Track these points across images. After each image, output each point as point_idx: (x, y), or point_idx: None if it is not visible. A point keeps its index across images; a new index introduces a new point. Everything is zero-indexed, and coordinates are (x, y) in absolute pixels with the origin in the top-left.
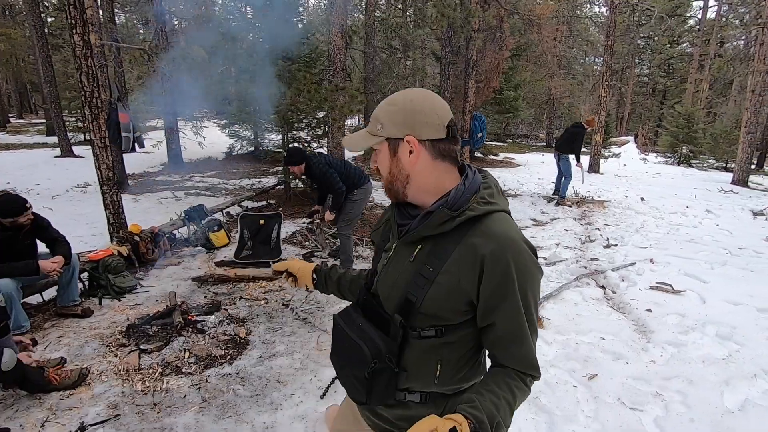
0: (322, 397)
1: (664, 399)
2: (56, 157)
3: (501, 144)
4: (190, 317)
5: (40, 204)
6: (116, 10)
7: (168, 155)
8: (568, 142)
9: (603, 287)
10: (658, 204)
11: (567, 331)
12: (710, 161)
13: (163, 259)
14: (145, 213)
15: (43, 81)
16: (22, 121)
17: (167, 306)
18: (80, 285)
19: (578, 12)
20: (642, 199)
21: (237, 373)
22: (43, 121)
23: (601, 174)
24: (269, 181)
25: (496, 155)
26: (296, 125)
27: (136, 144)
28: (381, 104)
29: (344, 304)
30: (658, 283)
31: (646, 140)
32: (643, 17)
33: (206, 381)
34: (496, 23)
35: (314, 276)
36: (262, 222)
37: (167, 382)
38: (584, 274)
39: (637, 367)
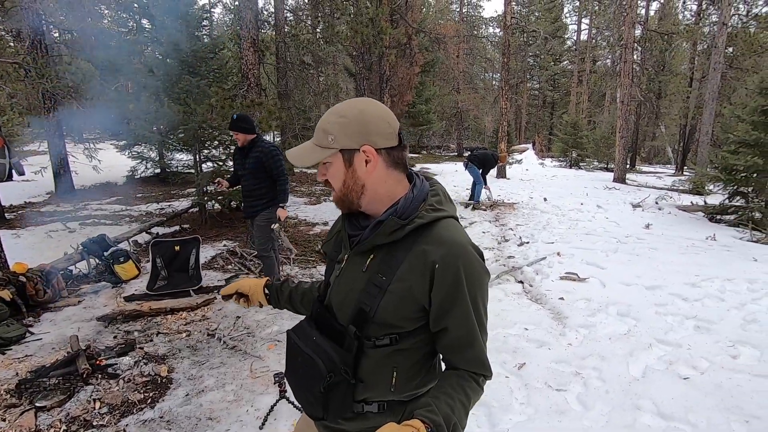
0: (261, 428)
1: (583, 377)
2: None
3: (416, 155)
4: (98, 362)
5: None
6: None
7: (55, 182)
8: (480, 161)
9: (521, 282)
10: (559, 203)
11: (495, 326)
12: (595, 163)
13: (58, 299)
14: (30, 249)
15: None
16: None
17: (68, 352)
18: None
19: (476, 32)
20: (545, 199)
21: (161, 417)
22: None
23: (508, 179)
24: (181, 204)
25: (413, 166)
26: (208, 143)
27: (13, 171)
28: (327, 117)
29: (279, 323)
30: (566, 273)
31: (542, 147)
32: (530, 38)
33: (124, 431)
34: (405, 40)
35: (266, 291)
36: (177, 248)
37: None
38: (504, 272)
39: (558, 351)
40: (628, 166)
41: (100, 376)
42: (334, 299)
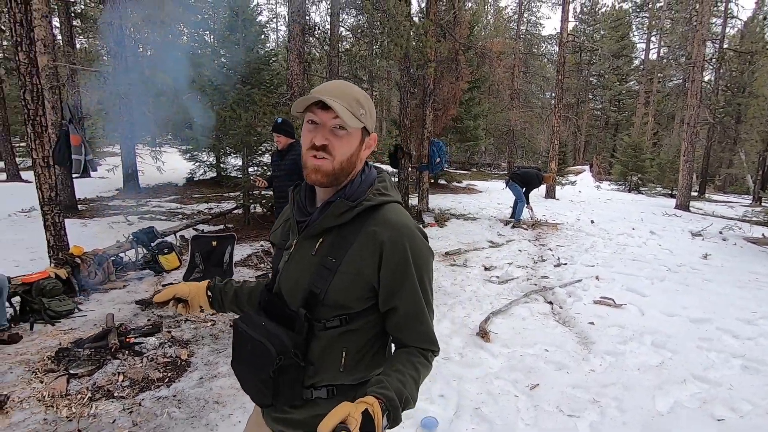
0: None
1: (601, 405)
2: (1, 182)
3: (465, 172)
4: (127, 339)
5: None
6: (78, 36)
7: (124, 180)
8: (523, 179)
9: (550, 303)
10: (608, 226)
11: (513, 344)
12: (658, 188)
13: (106, 282)
14: (93, 237)
15: None
16: None
17: (103, 328)
18: (10, 309)
19: (534, 50)
20: (592, 221)
21: (174, 396)
22: None
23: (557, 200)
24: (229, 205)
25: (459, 182)
26: (255, 148)
27: (88, 167)
28: (356, 89)
29: None
30: (601, 297)
31: (600, 169)
32: (594, 57)
33: (139, 405)
34: (451, 55)
35: (209, 294)
36: (214, 243)
37: (96, 407)
38: (533, 291)
39: (577, 376)
40: (695, 193)
41: (127, 352)
42: (284, 285)
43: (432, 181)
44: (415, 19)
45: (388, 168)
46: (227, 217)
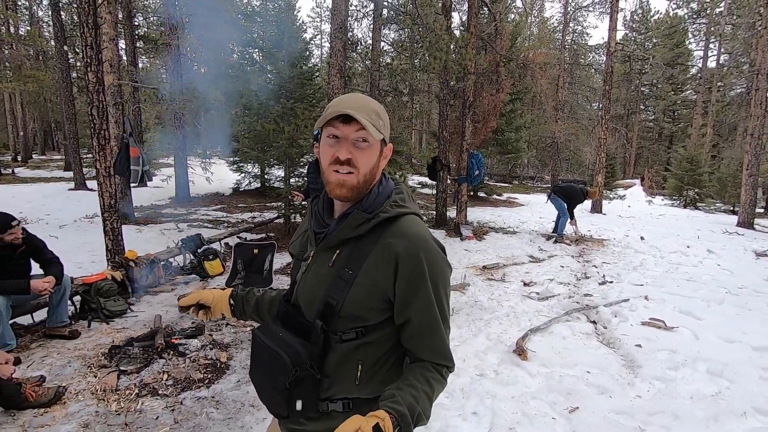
0: None
1: None
2: (70, 189)
3: (506, 185)
4: (172, 340)
5: (47, 233)
6: (141, 56)
7: (176, 189)
8: (566, 194)
9: (594, 322)
10: (659, 243)
11: (552, 364)
12: (717, 204)
13: (156, 285)
14: (146, 243)
15: (65, 119)
16: (43, 157)
17: (151, 329)
18: (71, 307)
19: (582, 60)
20: (642, 238)
21: (212, 397)
22: (63, 157)
23: (604, 214)
24: (270, 215)
25: (500, 195)
26: (297, 160)
27: (145, 177)
28: (374, 102)
29: None
30: (650, 319)
31: (652, 183)
32: (646, 66)
33: (181, 403)
34: (492, 67)
35: (231, 302)
36: (256, 251)
37: (142, 403)
38: (575, 309)
39: (621, 401)
40: (762, 209)
41: (171, 352)
42: (302, 296)
43: (471, 193)
44: (456, 32)
45: (426, 180)
46: (269, 226)
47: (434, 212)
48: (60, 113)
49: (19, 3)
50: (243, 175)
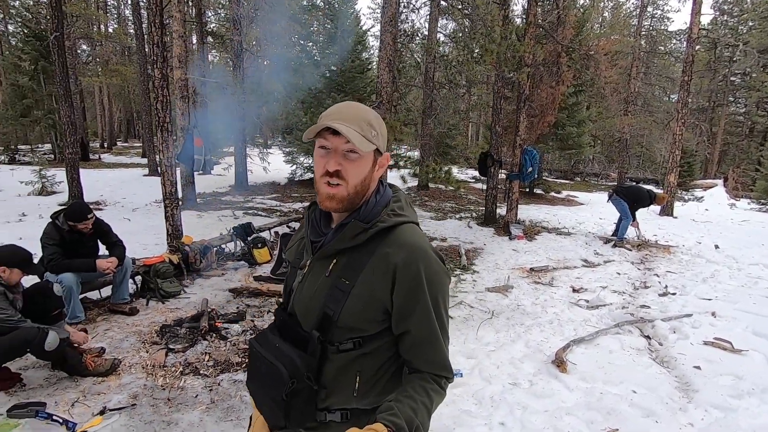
0: None
1: None
2: (144, 175)
3: (566, 182)
4: (216, 324)
5: (121, 215)
6: (211, 51)
7: (235, 178)
8: (630, 195)
9: (648, 337)
10: (737, 253)
11: (594, 379)
12: None
13: (209, 269)
14: (204, 228)
15: (143, 109)
16: (126, 144)
17: (198, 311)
18: (133, 286)
19: (660, 47)
20: (716, 246)
21: None
22: (141, 144)
23: (675, 218)
24: None
25: (558, 193)
26: None
27: (207, 166)
28: (367, 111)
29: None
30: (715, 338)
31: (737, 184)
32: (737, 52)
33: (218, 384)
34: (552, 58)
35: None
36: None
37: (184, 381)
38: (627, 321)
39: (668, 427)
40: None
41: (214, 335)
42: (298, 306)
43: (527, 190)
44: (517, 20)
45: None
46: None
47: (483, 209)
48: (140, 104)
49: (109, 3)
50: (295, 166)
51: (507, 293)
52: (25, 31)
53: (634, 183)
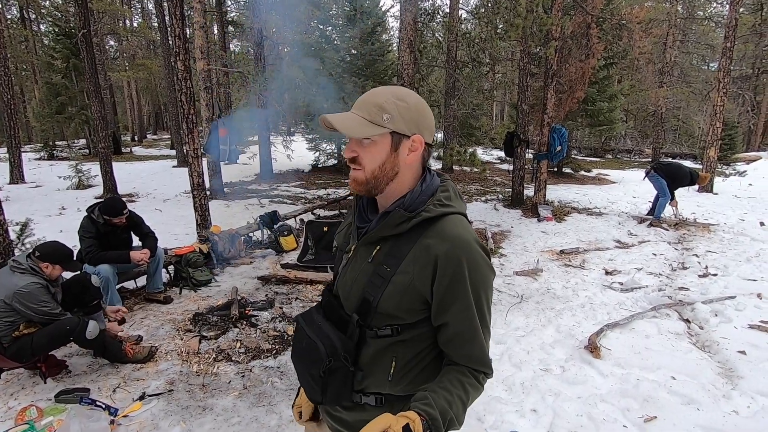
0: None
1: None
2: (173, 167)
3: (597, 159)
4: (246, 311)
5: (152, 206)
6: (232, 40)
7: (260, 167)
8: (669, 173)
9: (687, 321)
10: None
11: (629, 365)
12: None
13: (237, 258)
14: (232, 217)
15: (170, 102)
16: (155, 136)
17: (228, 299)
18: (167, 275)
19: (700, 12)
20: (762, 224)
21: (278, 367)
22: (170, 136)
23: (715, 194)
24: (344, 191)
25: (588, 171)
26: None
27: (232, 155)
28: (383, 95)
29: None
30: (761, 321)
31: None
32: None
33: (250, 371)
34: (581, 30)
35: None
36: (325, 229)
37: (218, 367)
38: (665, 305)
39: (711, 415)
40: None
41: (245, 322)
42: (341, 288)
43: (555, 170)
44: None
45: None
46: (341, 203)
47: (509, 191)
48: (167, 96)
49: None
50: (318, 153)
51: (536, 277)
52: (56, 30)
53: (674, 161)
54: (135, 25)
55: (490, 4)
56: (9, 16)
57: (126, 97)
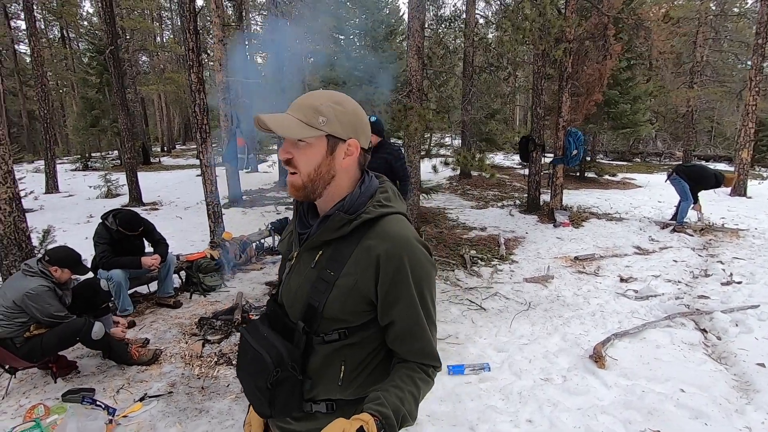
0: None
1: None
2: (197, 176)
3: (623, 163)
4: (249, 316)
5: (174, 213)
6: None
7: (279, 174)
8: (693, 175)
9: (704, 330)
10: None
11: (636, 376)
12: None
13: (248, 264)
14: (248, 224)
15: None
16: (183, 147)
17: (232, 304)
18: (178, 281)
19: (736, 8)
20: None
21: None
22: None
23: (748, 198)
24: None
25: (613, 175)
26: None
27: (250, 164)
28: (319, 98)
29: None
30: None
31: None
32: None
33: None
34: (598, 31)
35: None
36: None
37: (218, 371)
38: (680, 313)
39: (720, 430)
40: None
41: None
42: (285, 296)
43: (577, 174)
44: None
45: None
46: None
47: (526, 195)
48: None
49: (163, 14)
50: None
51: (547, 284)
52: (91, 48)
53: (698, 162)
54: (164, 40)
55: (502, 9)
56: (50, 36)
57: (156, 109)
